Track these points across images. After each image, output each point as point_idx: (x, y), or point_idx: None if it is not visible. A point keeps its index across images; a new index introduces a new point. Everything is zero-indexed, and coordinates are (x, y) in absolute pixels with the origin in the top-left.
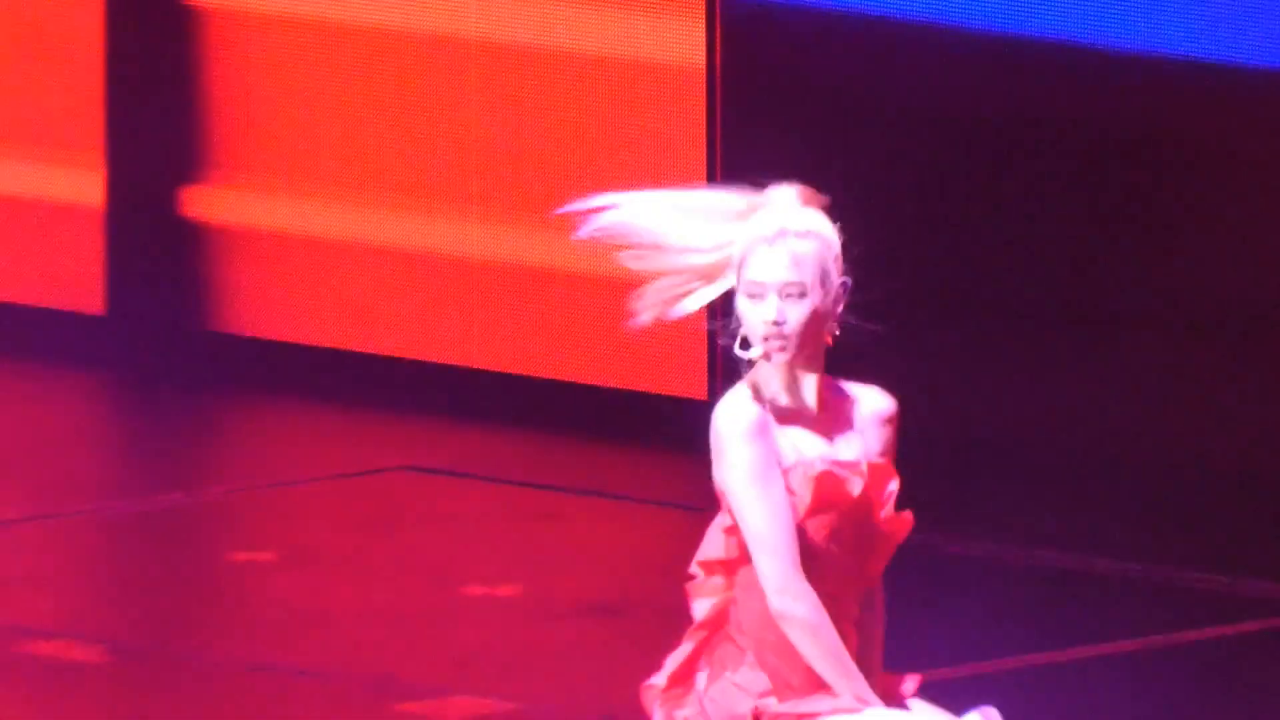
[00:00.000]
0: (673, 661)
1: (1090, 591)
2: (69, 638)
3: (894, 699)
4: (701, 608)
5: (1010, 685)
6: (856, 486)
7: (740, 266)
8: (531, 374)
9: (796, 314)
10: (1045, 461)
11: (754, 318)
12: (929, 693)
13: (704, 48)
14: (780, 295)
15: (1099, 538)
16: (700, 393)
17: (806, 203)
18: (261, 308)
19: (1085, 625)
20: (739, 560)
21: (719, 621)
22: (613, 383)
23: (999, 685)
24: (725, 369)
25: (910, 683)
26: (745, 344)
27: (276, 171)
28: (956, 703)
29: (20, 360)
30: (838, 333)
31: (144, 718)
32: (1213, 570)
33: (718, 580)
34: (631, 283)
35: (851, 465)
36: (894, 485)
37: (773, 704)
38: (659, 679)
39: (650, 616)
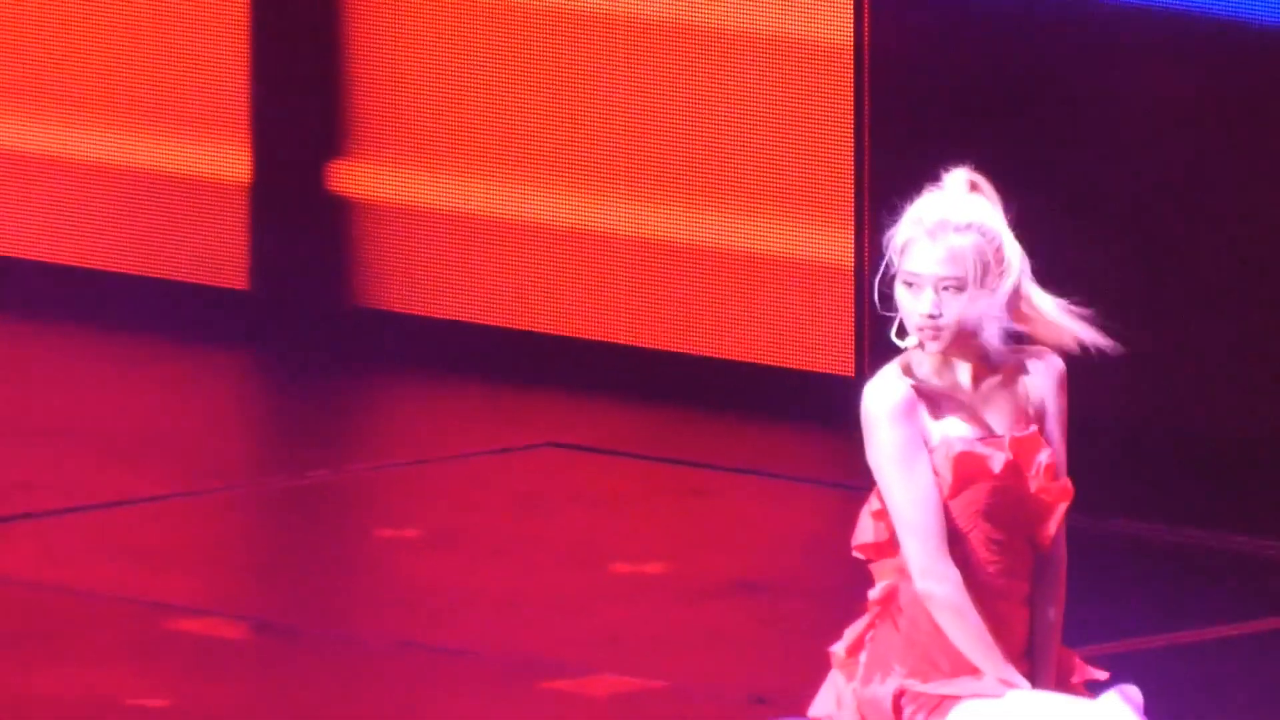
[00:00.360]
0: (851, 632)
1: (1229, 570)
2: (216, 615)
3: (1065, 684)
4: (877, 589)
5: (1149, 664)
6: (998, 462)
7: (900, 253)
8: (679, 350)
9: (953, 308)
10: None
11: (910, 308)
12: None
13: (851, 23)
14: (936, 288)
15: (1238, 514)
16: (848, 369)
17: (974, 189)
18: (407, 283)
19: (1222, 604)
20: (889, 543)
21: (888, 600)
22: (760, 359)
23: (1138, 664)
24: (873, 347)
25: (1084, 673)
26: (901, 331)
27: (422, 147)
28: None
29: (166, 337)
30: (1007, 321)
31: (290, 695)
32: None
33: (891, 562)
34: (784, 262)
35: (995, 440)
36: (1044, 456)
37: (916, 685)
38: (839, 647)
39: (797, 595)
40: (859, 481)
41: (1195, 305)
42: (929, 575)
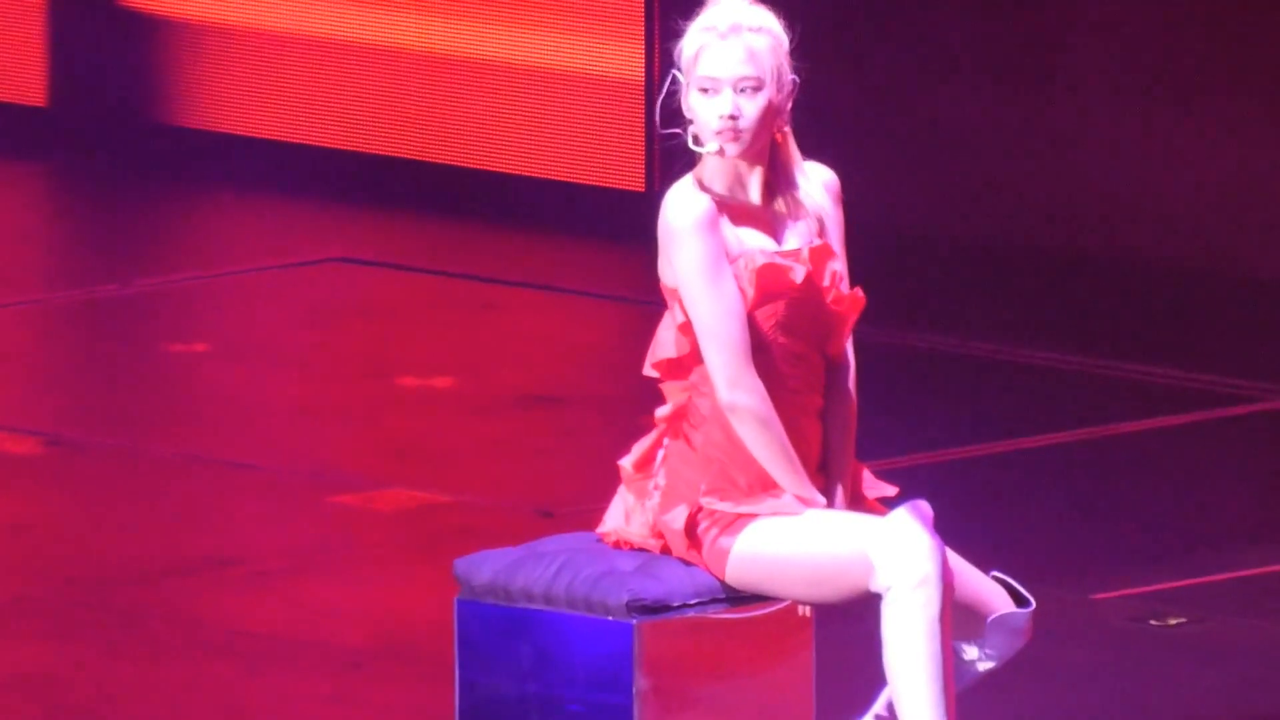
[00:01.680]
0: (639, 448)
1: (1026, 382)
2: (3, 429)
3: (858, 499)
4: (666, 406)
5: (948, 475)
6: (799, 274)
7: (694, 61)
8: (470, 165)
9: (752, 108)
10: (989, 255)
11: (708, 112)
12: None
13: None
14: (735, 89)
15: (1038, 329)
16: (638, 185)
17: (754, 1)
18: (200, 99)
19: (1020, 416)
20: (691, 357)
21: (677, 417)
22: (550, 174)
23: (937, 475)
24: (663, 162)
25: (879, 489)
26: (698, 140)
27: None
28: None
29: None
30: (787, 129)
31: (79, 508)
32: (1151, 362)
33: (682, 382)
34: (572, 77)
35: (793, 254)
36: (836, 265)
37: (714, 502)
38: (627, 461)
39: (585, 408)
40: (649, 296)
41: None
42: (737, 386)
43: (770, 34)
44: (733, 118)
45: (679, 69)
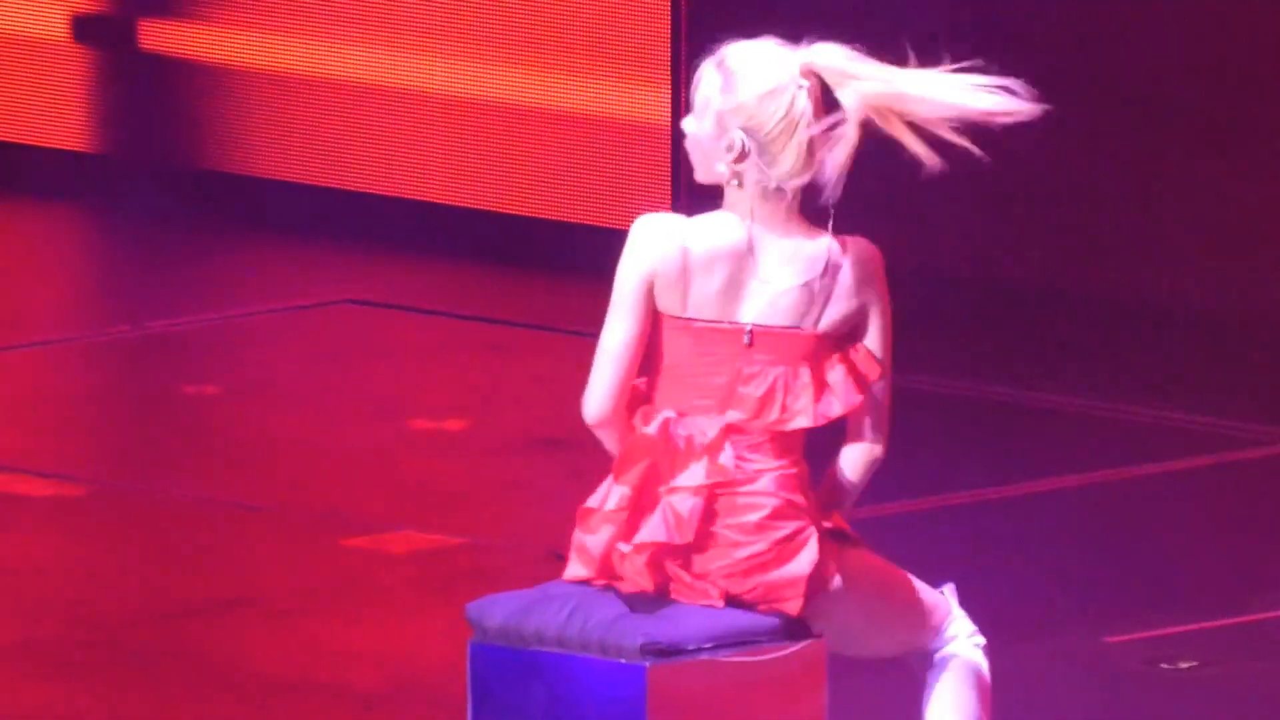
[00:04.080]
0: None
1: (1038, 426)
2: (17, 471)
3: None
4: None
5: (958, 518)
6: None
7: None
8: (484, 208)
9: (688, 129)
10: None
11: None
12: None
13: None
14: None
15: (1048, 372)
16: None
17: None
18: (213, 140)
19: (1032, 460)
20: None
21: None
22: (566, 217)
23: (947, 518)
24: (690, 206)
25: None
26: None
27: (236, 4)
28: (912, 535)
29: None
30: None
31: (91, 549)
32: (1160, 406)
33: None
34: (593, 120)
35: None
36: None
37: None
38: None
39: (598, 450)
40: None
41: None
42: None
43: (727, 76)
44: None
45: None
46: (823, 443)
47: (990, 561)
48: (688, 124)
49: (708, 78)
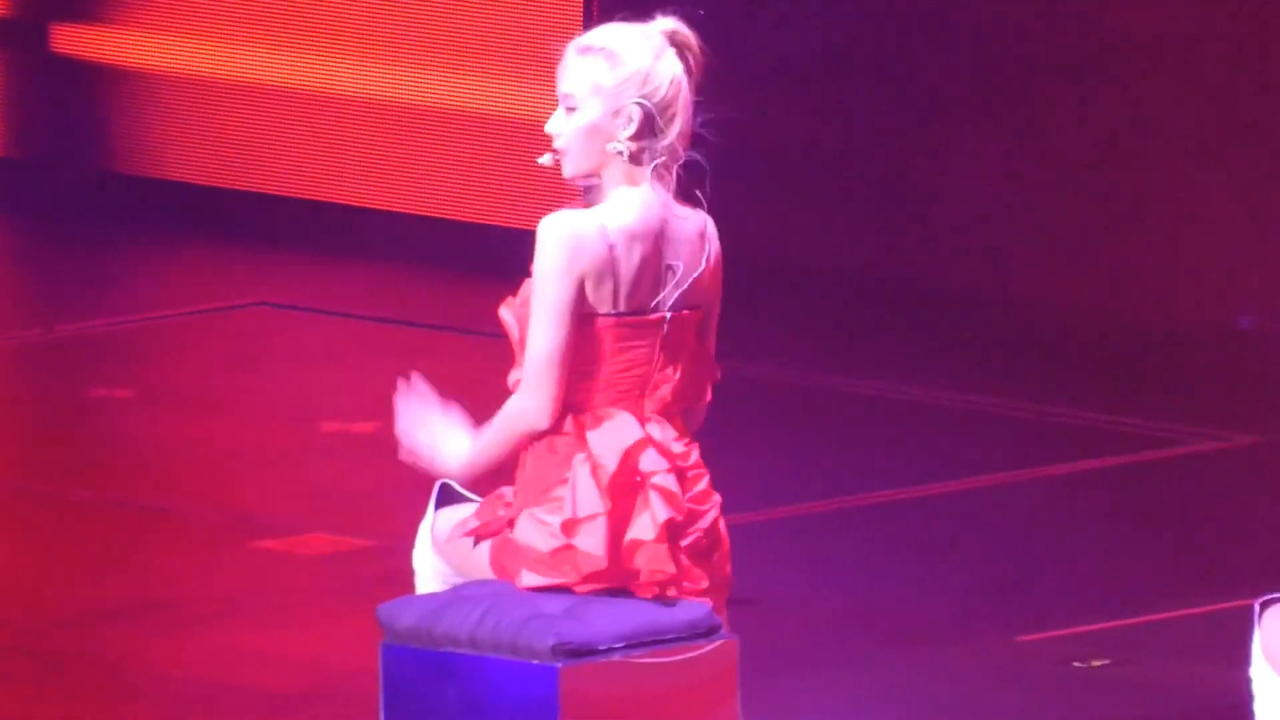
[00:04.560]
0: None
1: (949, 427)
2: None
3: None
4: None
5: (874, 518)
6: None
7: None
8: (399, 210)
9: (567, 127)
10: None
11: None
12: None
13: None
14: (562, 106)
15: (966, 372)
16: None
17: (673, 41)
18: (127, 143)
19: (941, 460)
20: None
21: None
22: (480, 218)
23: (864, 517)
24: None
25: None
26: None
27: (147, 8)
28: (821, 536)
29: None
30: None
31: (3, 553)
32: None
33: None
34: (504, 121)
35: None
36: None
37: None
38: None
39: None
40: None
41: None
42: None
43: (605, 55)
44: (552, 135)
45: None
46: None
47: (902, 561)
48: (558, 123)
49: (579, 66)
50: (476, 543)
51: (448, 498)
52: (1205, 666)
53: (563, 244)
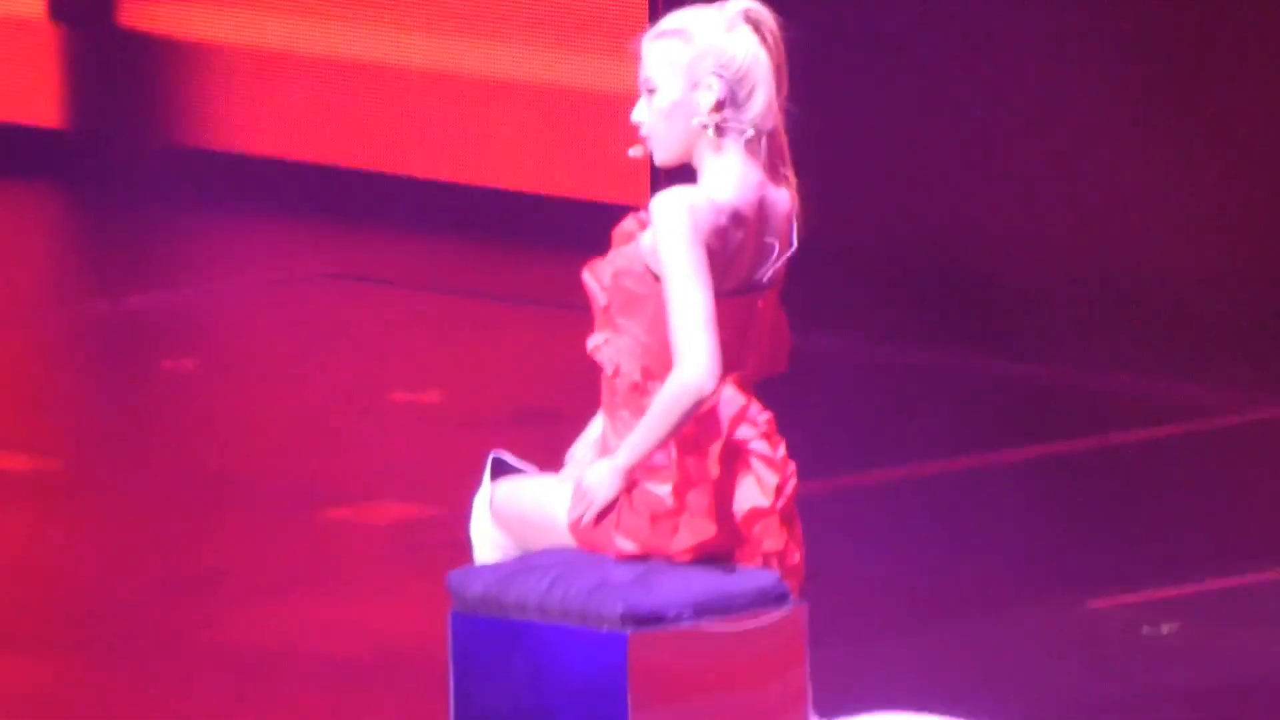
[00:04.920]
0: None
1: (1015, 395)
2: None
3: None
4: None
5: (941, 487)
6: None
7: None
8: (464, 182)
9: (648, 114)
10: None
11: None
12: (863, 497)
13: None
14: (643, 92)
15: (1032, 339)
16: (643, 200)
17: (747, 19)
18: (195, 118)
19: (1011, 429)
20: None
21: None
22: (547, 190)
23: (930, 487)
24: (667, 176)
25: None
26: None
27: None
28: (890, 505)
29: None
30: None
31: (71, 527)
32: (1134, 374)
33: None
34: (573, 93)
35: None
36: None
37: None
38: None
39: (578, 422)
40: None
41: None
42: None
43: (677, 36)
44: (635, 123)
45: None
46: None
47: (971, 530)
48: (641, 110)
49: (655, 51)
50: (599, 522)
51: (501, 469)
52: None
53: (686, 214)
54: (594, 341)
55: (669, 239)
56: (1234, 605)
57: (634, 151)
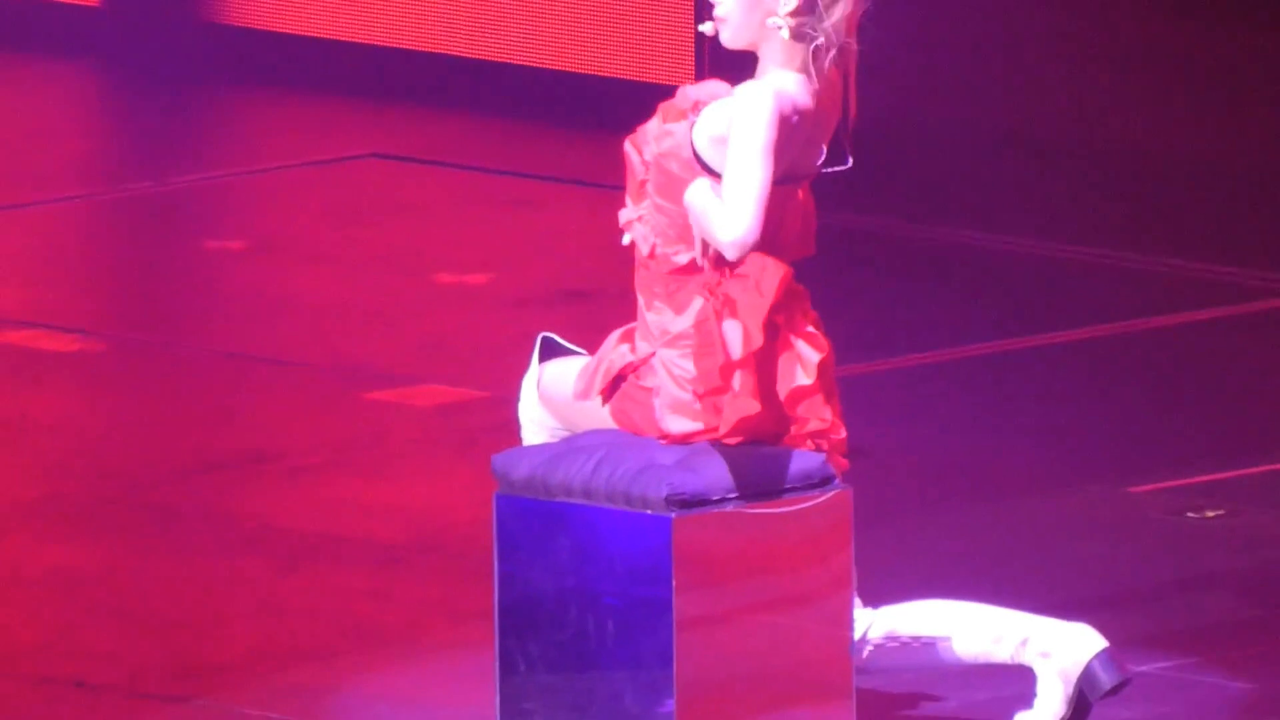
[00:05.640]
0: None
1: (1057, 278)
2: (40, 327)
3: None
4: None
5: (981, 369)
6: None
7: None
8: (506, 60)
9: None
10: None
11: None
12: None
13: None
14: None
15: (1068, 222)
16: (688, 80)
17: None
18: None
19: (1052, 311)
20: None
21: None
22: (594, 69)
23: (971, 369)
24: (713, 57)
25: None
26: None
27: None
28: (933, 387)
29: (15, 52)
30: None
31: (112, 405)
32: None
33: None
34: None
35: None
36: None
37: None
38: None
39: (622, 302)
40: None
41: None
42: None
43: None
44: (710, 4)
45: None
46: None
47: (1014, 414)
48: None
49: None
50: (606, 400)
51: (550, 350)
52: None
53: (773, 98)
54: (626, 215)
55: (751, 115)
56: (1277, 487)
57: (704, 28)
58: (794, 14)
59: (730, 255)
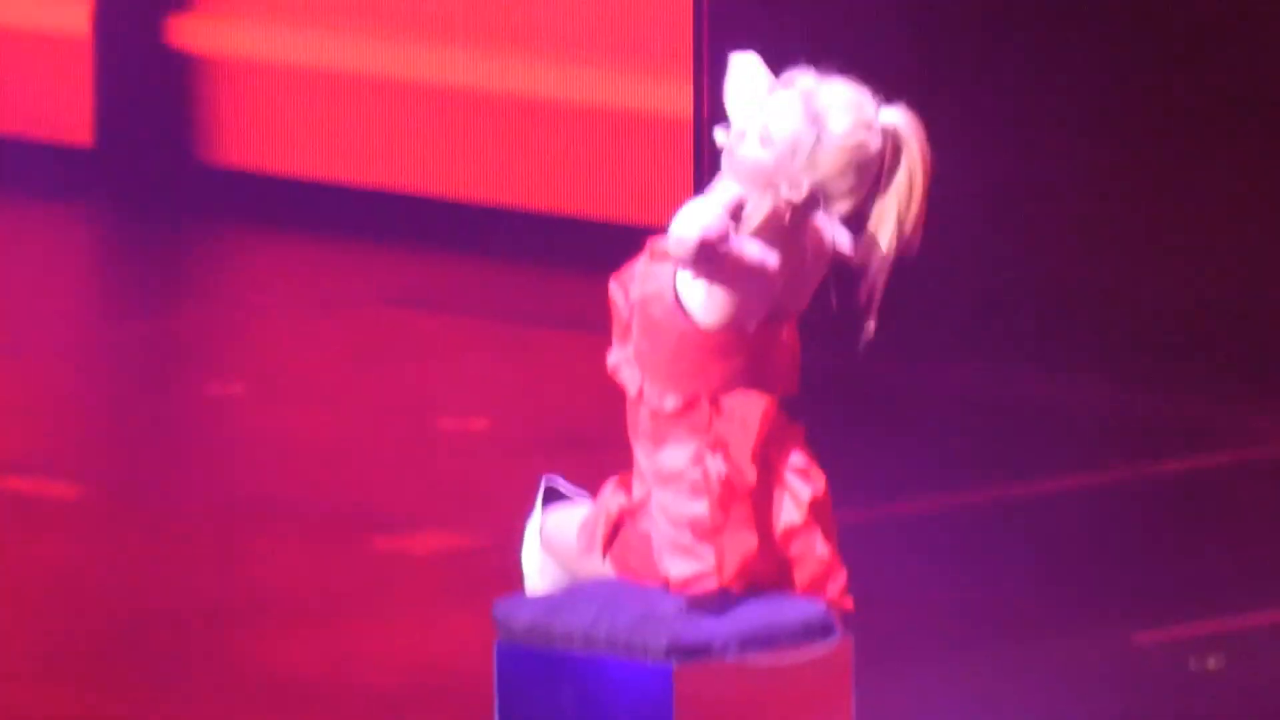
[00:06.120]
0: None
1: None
2: (40, 474)
3: None
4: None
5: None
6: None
7: None
8: (512, 205)
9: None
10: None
11: None
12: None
13: None
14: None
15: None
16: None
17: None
18: (243, 139)
19: (1050, 458)
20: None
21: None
22: (592, 214)
23: (971, 516)
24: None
25: None
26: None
27: (262, 1)
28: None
29: (5, 193)
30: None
31: (115, 552)
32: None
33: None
34: (606, 113)
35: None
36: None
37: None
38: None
39: (625, 449)
40: None
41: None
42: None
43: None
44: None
45: None
46: None
47: (1014, 560)
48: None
49: (790, 113)
50: (605, 552)
51: (553, 495)
52: None
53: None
54: (614, 359)
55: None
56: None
57: (720, 138)
58: (803, 200)
59: (671, 248)
